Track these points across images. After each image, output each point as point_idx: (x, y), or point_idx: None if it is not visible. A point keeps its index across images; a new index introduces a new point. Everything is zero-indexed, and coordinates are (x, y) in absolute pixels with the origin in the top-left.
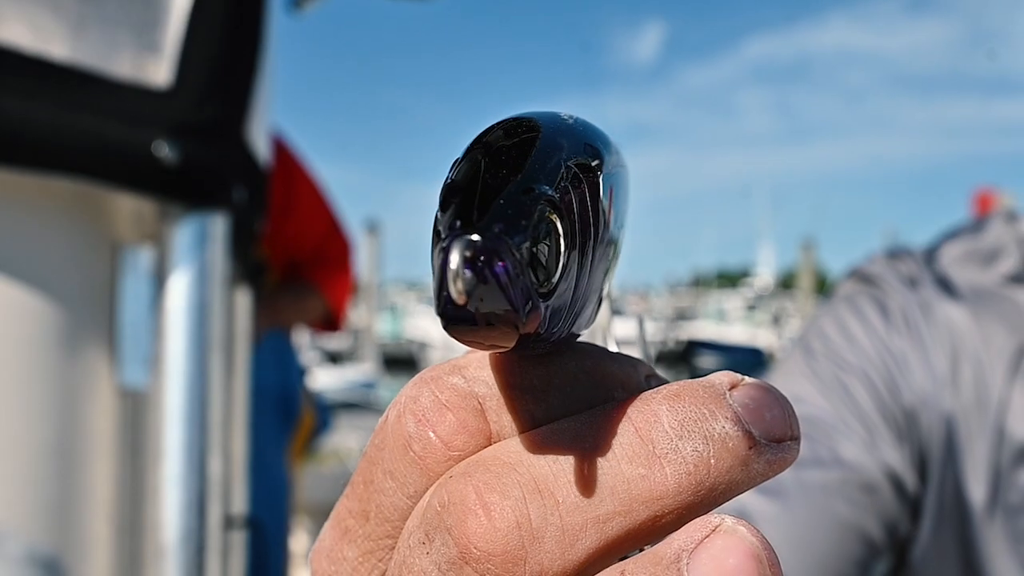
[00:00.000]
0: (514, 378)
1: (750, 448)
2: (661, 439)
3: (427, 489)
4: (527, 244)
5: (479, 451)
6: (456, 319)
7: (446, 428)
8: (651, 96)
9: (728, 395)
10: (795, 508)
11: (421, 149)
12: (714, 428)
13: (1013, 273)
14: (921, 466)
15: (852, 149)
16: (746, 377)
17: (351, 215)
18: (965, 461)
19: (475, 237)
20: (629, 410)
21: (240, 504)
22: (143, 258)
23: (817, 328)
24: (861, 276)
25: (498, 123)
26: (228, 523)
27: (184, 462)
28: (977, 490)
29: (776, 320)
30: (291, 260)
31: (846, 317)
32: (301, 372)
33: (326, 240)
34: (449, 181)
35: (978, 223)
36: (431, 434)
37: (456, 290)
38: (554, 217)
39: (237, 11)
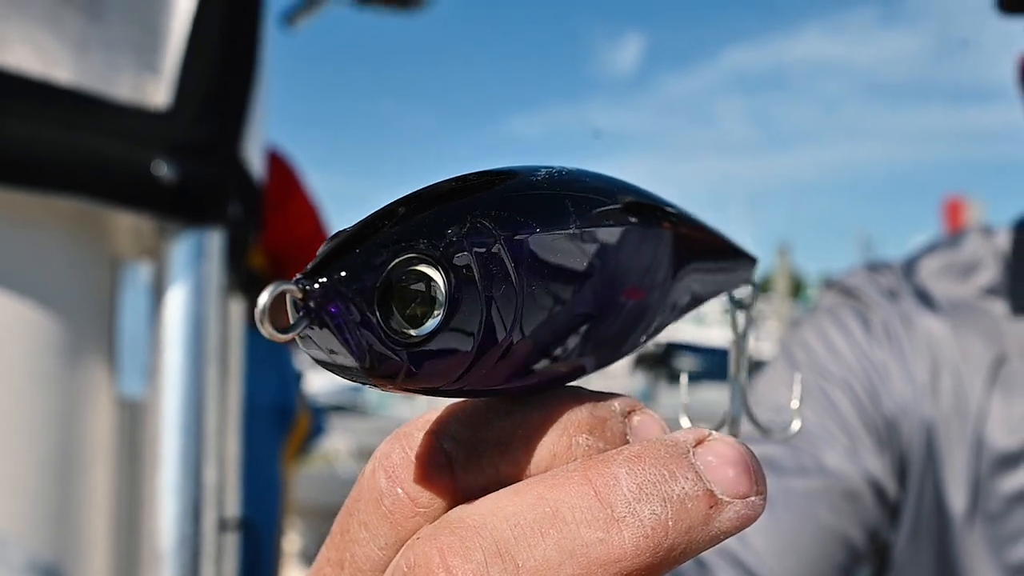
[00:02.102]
0: (481, 432)
1: (711, 507)
2: (619, 502)
3: (397, 542)
4: (368, 292)
5: (446, 507)
6: (313, 359)
7: (412, 487)
8: (633, 105)
9: (692, 453)
10: (780, 515)
11: (410, 156)
12: (673, 490)
13: (990, 286)
14: (901, 474)
15: (826, 156)
16: (713, 433)
17: (341, 222)
18: (945, 469)
19: (315, 282)
20: (590, 472)
21: (233, 507)
22: (142, 273)
23: (800, 339)
24: (842, 289)
25: (459, 176)
26: (222, 525)
27: (180, 470)
28: (957, 498)
29: (753, 322)
30: (279, 262)
31: (828, 329)
32: (297, 376)
33: (314, 243)
34: (338, 230)
35: (955, 237)
36: (399, 490)
37: (266, 330)
38: (426, 269)
39: (233, 35)
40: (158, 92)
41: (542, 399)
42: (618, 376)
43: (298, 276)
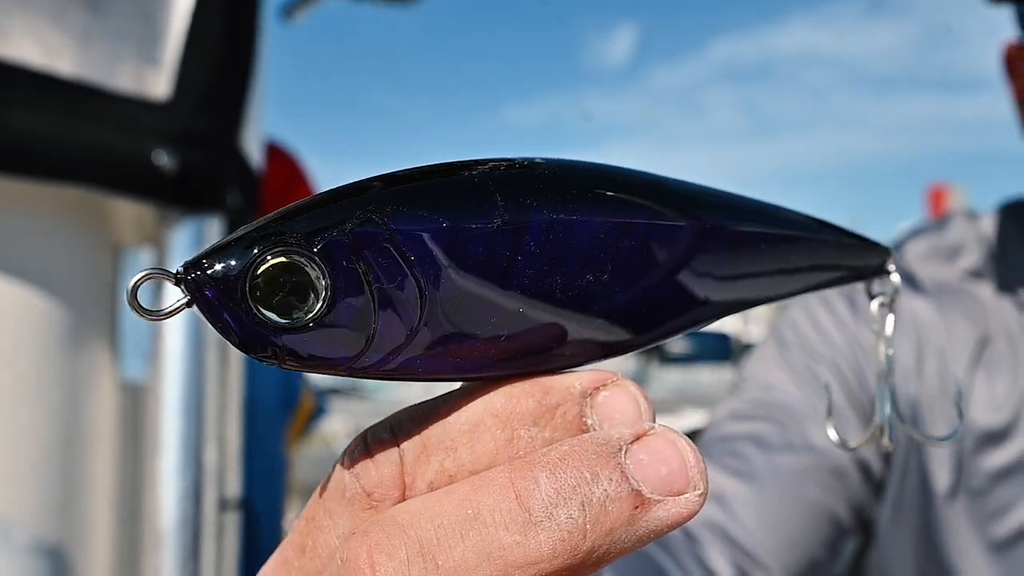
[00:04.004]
0: (429, 429)
1: (635, 508)
2: (537, 506)
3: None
4: (234, 280)
5: (397, 502)
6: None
7: (369, 480)
8: (624, 95)
9: (624, 450)
10: (768, 491)
11: (409, 144)
12: (593, 492)
13: (974, 268)
14: (886, 451)
15: (814, 145)
16: (655, 427)
17: None
18: (929, 447)
19: (196, 264)
20: (514, 474)
21: (234, 487)
22: (143, 259)
23: (790, 320)
24: None
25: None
26: (222, 505)
27: (181, 452)
28: (941, 475)
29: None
30: None
31: (817, 310)
32: None
33: None
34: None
35: (941, 222)
36: (358, 484)
37: (133, 309)
38: (299, 259)
39: (233, 27)
40: (159, 83)
41: (493, 392)
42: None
43: (183, 262)
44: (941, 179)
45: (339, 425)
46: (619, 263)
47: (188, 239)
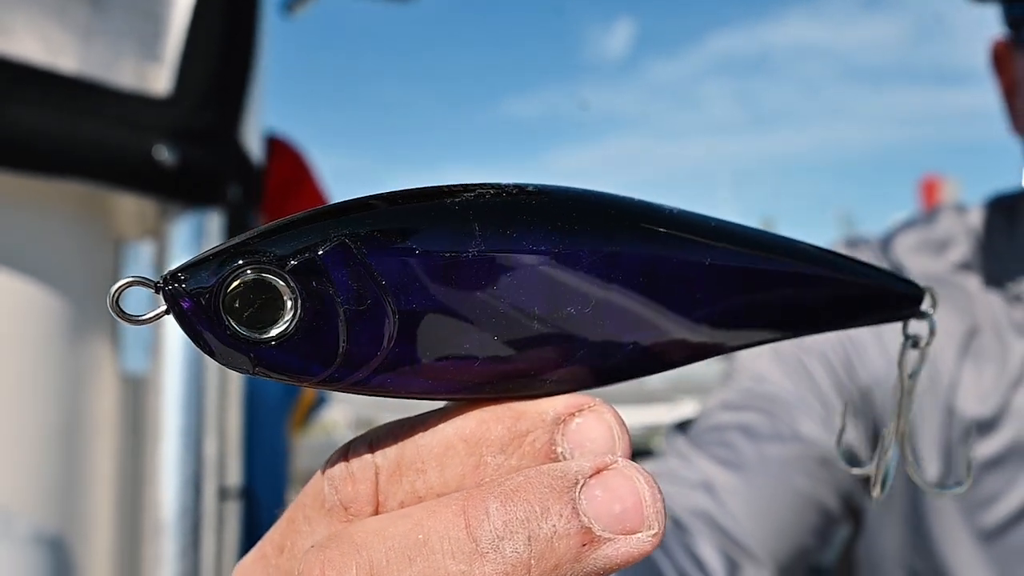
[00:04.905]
0: (405, 448)
1: (583, 545)
2: (485, 537)
3: None
4: (207, 293)
5: (371, 516)
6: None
7: (346, 494)
8: (622, 88)
9: (581, 485)
10: (756, 480)
11: (411, 136)
12: (541, 528)
13: (962, 261)
14: (874, 440)
15: (808, 136)
16: (618, 461)
17: (344, 198)
18: (917, 437)
19: (175, 276)
20: (467, 503)
21: (234, 477)
22: (144, 253)
23: None
24: None
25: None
26: (223, 495)
27: (181, 443)
28: (929, 465)
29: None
30: None
31: None
32: None
33: None
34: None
35: (930, 215)
36: (336, 497)
37: (113, 312)
38: (271, 278)
39: (233, 23)
40: (160, 79)
41: (466, 416)
42: None
43: (165, 272)
44: (934, 171)
45: (339, 414)
46: (606, 297)
47: (188, 233)
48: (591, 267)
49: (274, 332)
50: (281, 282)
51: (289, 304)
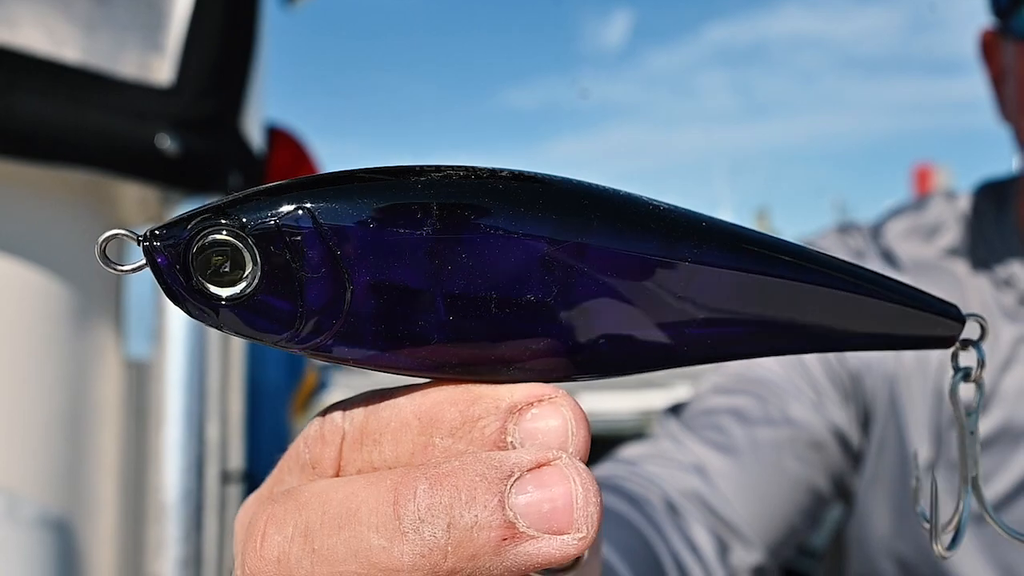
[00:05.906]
0: (369, 418)
1: (504, 539)
2: (408, 517)
3: None
4: (177, 249)
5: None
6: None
7: (315, 453)
8: (620, 78)
9: (512, 478)
10: (748, 463)
11: (409, 127)
12: (463, 517)
13: (952, 247)
14: (864, 423)
15: (804, 125)
16: (561, 458)
17: None
18: (908, 421)
19: (153, 232)
20: (400, 480)
21: (236, 460)
22: None
23: None
24: None
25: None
26: (224, 478)
27: (184, 427)
28: (920, 447)
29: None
30: None
31: None
32: None
33: None
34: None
35: (920, 201)
36: (307, 454)
37: (101, 261)
38: (234, 239)
39: (234, 14)
40: (162, 70)
41: (425, 394)
42: None
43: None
44: (926, 159)
45: (338, 398)
46: (570, 288)
47: None
48: (554, 256)
49: (236, 290)
50: (242, 244)
51: (250, 266)
